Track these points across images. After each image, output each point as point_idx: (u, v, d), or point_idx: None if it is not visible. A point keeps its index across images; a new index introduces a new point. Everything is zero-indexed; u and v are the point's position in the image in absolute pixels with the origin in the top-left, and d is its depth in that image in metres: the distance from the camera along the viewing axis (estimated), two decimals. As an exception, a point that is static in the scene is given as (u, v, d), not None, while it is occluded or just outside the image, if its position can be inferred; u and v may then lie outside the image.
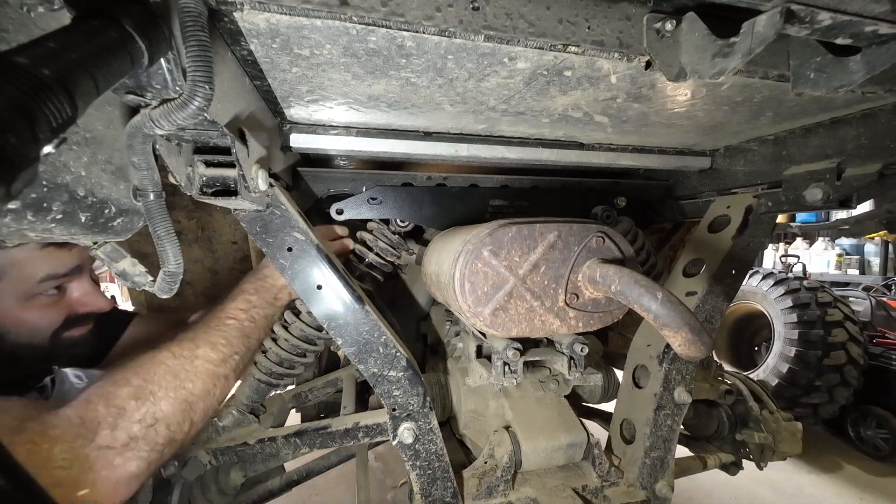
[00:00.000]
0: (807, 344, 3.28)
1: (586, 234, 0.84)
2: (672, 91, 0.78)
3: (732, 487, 2.90)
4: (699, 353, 0.65)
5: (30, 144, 0.30)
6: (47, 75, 0.32)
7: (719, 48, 0.52)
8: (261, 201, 0.77)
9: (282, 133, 0.97)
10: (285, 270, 0.82)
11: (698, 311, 1.06)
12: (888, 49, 0.51)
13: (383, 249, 1.23)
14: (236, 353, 0.84)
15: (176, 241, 0.62)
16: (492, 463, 0.97)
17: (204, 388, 0.78)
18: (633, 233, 1.36)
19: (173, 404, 0.72)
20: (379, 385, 0.86)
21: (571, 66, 0.67)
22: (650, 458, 1.03)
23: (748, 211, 1.09)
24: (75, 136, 0.48)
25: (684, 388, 1.05)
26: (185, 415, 0.74)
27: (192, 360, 0.77)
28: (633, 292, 0.70)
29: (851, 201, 0.92)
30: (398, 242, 1.25)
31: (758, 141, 1.14)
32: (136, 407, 0.68)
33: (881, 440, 3.34)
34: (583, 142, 1.14)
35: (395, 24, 0.53)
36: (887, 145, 0.86)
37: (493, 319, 0.82)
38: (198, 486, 1.03)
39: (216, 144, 0.64)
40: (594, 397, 1.37)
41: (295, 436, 0.96)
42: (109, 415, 0.66)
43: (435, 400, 1.14)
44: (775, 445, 1.30)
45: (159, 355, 0.76)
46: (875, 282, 5.14)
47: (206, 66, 0.45)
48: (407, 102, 0.83)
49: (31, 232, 0.47)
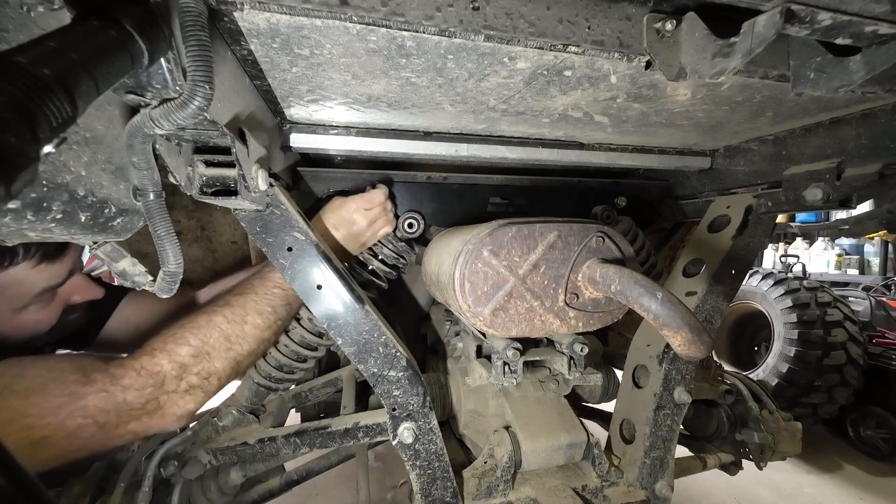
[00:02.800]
0: (806, 344, 3.28)
1: (586, 234, 0.84)
2: (672, 91, 0.78)
3: (732, 487, 2.90)
4: (699, 353, 0.65)
5: (30, 144, 0.30)
6: (47, 75, 0.32)
7: (719, 48, 0.52)
8: (261, 201, 0.77)
9: (282, 133, 0.97)
10: (285, 270, 0.82)
11: (698, 311, 1.06)
12: (888, 49, 0.51)
13: (389, 256, 1.20)
14: (280, 319, 0.94)
15: (176, 241, 0.62)
16: (492, 463, 0.97)
17: (250, 349, 0.90)
18: (633, 233, 1.36)
19: (224, 362, 0.86)
20: (379, 385, 0.86)
21: (571, 66, 0.67)
22: (650, 457, 1.03)
23: (748, 211, 1.09)
24: (75, 136, 0.48)
25: (684, 388, 1.05)
26: (234, 370, 0.89)
27: (243, 326, 0.88)
28: (633, 292, 0.70)
29: (851, 201, 0.92)
30: (405, 249, 1.22)
31: (758, 141, 1.14)
32: (195, 363, 0.82)
33: (881, 440, 3.33)
34: (583, 142, 1.14)
35: (395, 24, 0.53)
36: (887, 145, 0.86)
37: (493, 319, 0.82)
38: (198, 485, 1.03)
39: (216, 144, 0.64)
40: (594, 397, 1.37)
41: (295, 436, 0.96)
42: (173, 369, 0.79)
43: (435, 400, 1.14)
44: (775, 445, 1.30)
45: (214, 318, 0.86)
46: (875, 282, 5.13)
47: (206, 66, 0.45)
48: (407, 102, 0.83)
49: (31, 231, 0.47)
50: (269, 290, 0.93)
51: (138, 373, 0.77)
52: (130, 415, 0.76)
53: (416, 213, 1.24)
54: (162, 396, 0.78)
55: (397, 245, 1.21)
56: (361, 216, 1.09)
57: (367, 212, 1.10)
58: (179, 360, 0.81)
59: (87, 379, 0.74)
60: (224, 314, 0.87)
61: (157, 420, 0.79)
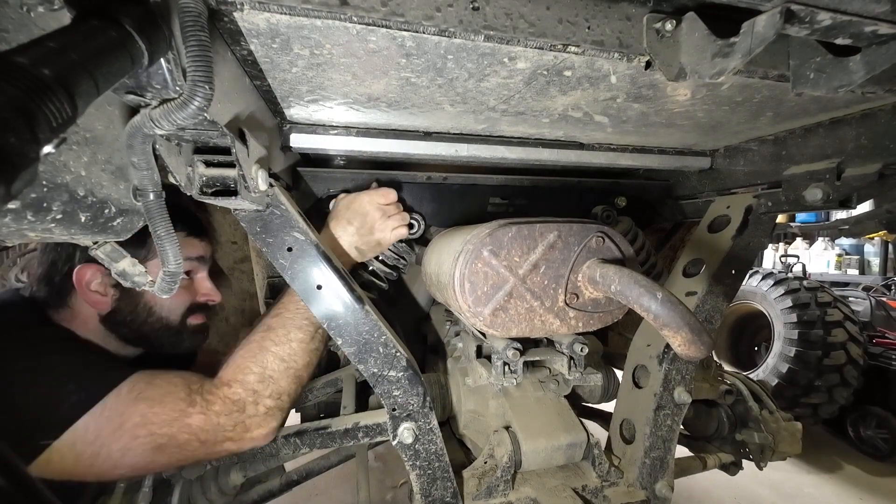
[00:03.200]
0: (806, 344, 3.28)
1: (586, 234, 0.84)
2: (672, 91, 0.78)
3: (732, 487, 2.90)
4: (699, 353, 0.65)
5: (30, 144, 0.30)
6: (47, 75, 0.32)
7: (719, 48, 0.52)
8: (261, 201, 0.77)
9: (282, 133, 0.97)
10: (285, 270, 0.82)
11: (698, 311, 1.06)
12: (888, 49, 0.51)
13: (389, 257, 1.20)
14: (319, 327, 0.98)
15: (176, 241, 0.62)
16: (492, 463, 0.97)
17: (304, 361, 0.96)
18: (633, 233, 1.36)
19: (287, 379, 0.93)
20: (379, 385, 0.86)
21: (571, 66, 0.67)
22: (650, 457, 1.03)
23: (748, 211, 1.09)
24: (75, 136, 0.48)
25: (684, 388, 1.05)
26: (298, 383, 0.96)
27: (289, 343, 0.94)
28: (633, 292, 0.70)
29: (851, 201, 0.92)
30: (405, 251, 1.22)
31: (758, 141, 1.14)
32: (264, 388, 0.90)
33: (881, 440, 3.33)
34: (583, 142, 1.14)
35: (395, 24, 0.53)
36: (887, 145, 0.86)
37: (493, 319, 0.82)
38: (198, 485, 1.02)
39: (216, 144, 0.64)
40: (594, 397, 1.37)
41: (295, 436, 0.96)
42: (248, 395, 0.88)
43: (435, 400, 1.14)
44: (775, 445, 1.30)
45: (264, 344, 0.93)
46: (875, 282, 5.13)
47: (206, 66, 0.45)
48: (407, 102, 0.83)
49: (30, 232, 0.47)
50: (298, 305, 0.97)
51: (223, 401, 0.86)
52: (225, 435, 0.86)
53: (418, 214, 1.24)
54: (247, 420, 0.88)
55: (398, 246, 1.20)
56: (375, 209, 1.08)
57: (382, 206, 1.09)
58: (251, 387, 0.89)
59: (191, 400, 0.84)
60: (271, 338, 0.94)
61: (248, 439, 0.89)
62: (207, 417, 0.83)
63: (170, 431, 0.80)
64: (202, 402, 0.84)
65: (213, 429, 0.84)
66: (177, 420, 0.81)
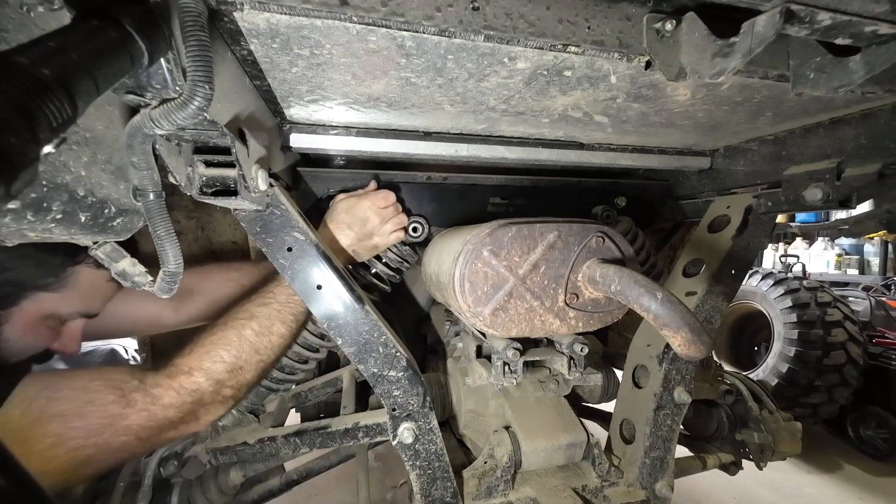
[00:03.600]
0: (806, 344, 3.28)
1: (586, 234, 0.84)
2: (672, 91, 0.78)
3: (732, 487, 2.90)
4: (699, 352, 0.65)
5: (30, 144, 0.30)
6: (47, 75, 0.32)
7: (719, 48, 0.52)
8: (261, 201, 0.77)
9: (282, 133, 0.97)
10: (285, 270, 0.82)
11: (698, 311, 1.06)
12: (888, 49, 0.51)
13: (393, 260, 1.19)
14: (300, 325, 0.97)
15: (176, 241, 0.62)
16: (492, 463, 0.97)
17: (276, 357, 0.94)
18: (633, 233, 1.36)
19: (255, 373, 0.90)
20: (379, 385, 0.86)
21: (571, 66, 0.67)
22: (650, 457, 1.03)
23: (748, 211, 1.09)
24: (75, 136, 0.48)
25: (684, 388, 1.05)
26: (261, 378, 0.94)
27: (270, 337, 0.91)
28: (633, 292, 0.70)
29: (851, 201, 0.92)
30: (409, 254, 1.21)
31: (758, 141, 1.14)
32: (230, 378, 0.86)
33: (881, 440, 3.34)
34: (583, 142, 1.14)
35: (395, 24, 0.53)
36: (887, 145, 0.86)
37: (493, 319, 0.82)
38: (198, 485, 1.03)
39: (216, 144, 0.64)
40: (594, 397, 1.37)
41: (295, 435, 0.96)
42: (210, 385, 0.83)
43: (435, 400, 1.14)
44: (775, 445, 1.30)
45: (244, 332, 0.89)
46: (874, 282, 5.13)
47: (206, 66, 0.45)
48: (407, 102, 0.83)
49: (30, 232, 0.47)
50: (290, 298, 0.94)
51: (178, 392, 0.80)
52: (170, 427, 0.81)
53: (422, 217, 1.24)
54: (200, 410, 0.83)
55: (401, 249, 1.20)
56: (375, 213, 1.09)
57: (381, 210, 1.10)
58: (216, 377, 0.84)
59: (127, 400, 0.76)
60: (252, 327, 0.90)
61: (192, 427, 0.84)
62: (152, 414, 0.77)
63: (99, 441, 0.73)
64: (145, 399, 0.77)
65: (158, 424, 0.78)
66: (109, 426, 0.74)
